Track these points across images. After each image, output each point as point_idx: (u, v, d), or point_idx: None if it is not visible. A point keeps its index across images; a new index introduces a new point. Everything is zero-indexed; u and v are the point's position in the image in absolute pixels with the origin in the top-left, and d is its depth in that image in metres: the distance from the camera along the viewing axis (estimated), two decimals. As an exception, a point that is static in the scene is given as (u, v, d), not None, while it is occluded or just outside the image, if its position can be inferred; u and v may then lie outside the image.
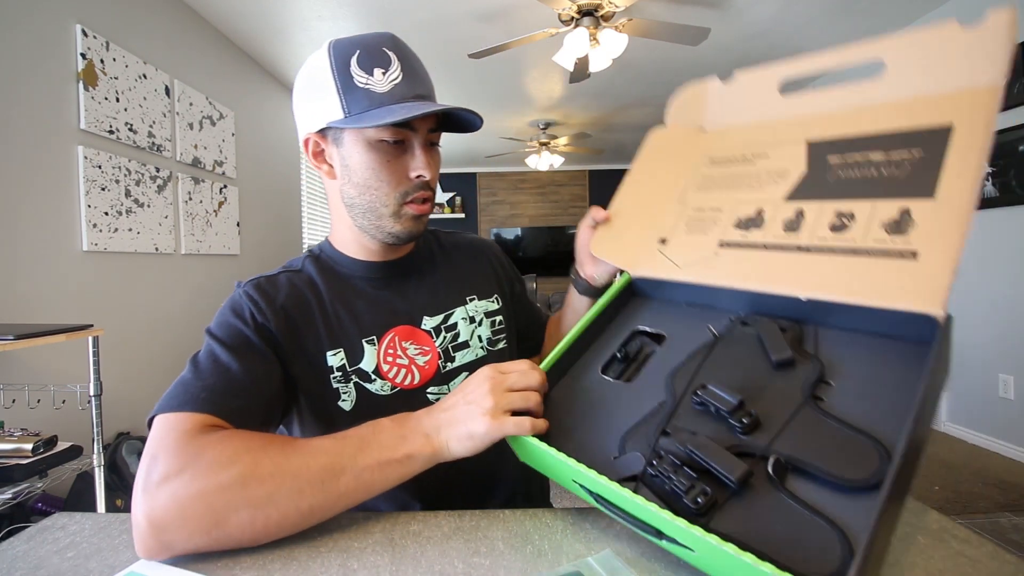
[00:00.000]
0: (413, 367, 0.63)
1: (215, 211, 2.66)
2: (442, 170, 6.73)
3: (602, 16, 2.37)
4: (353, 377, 0.61)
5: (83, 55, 1.86)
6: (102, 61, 1.95)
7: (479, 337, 0.69)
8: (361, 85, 0.56)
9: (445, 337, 0.67)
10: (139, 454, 1.96)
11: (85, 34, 1.87)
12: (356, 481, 0.44)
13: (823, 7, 2.66)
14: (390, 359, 0.63)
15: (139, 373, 2.17)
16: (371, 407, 0.60)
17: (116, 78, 2.01)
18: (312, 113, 0.59)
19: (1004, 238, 2.39)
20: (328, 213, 3.84)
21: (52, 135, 1.76)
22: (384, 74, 0.56)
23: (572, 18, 2.41)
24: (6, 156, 1.61)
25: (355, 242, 0.66)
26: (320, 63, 0.57)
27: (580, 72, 2.78)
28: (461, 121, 0.62)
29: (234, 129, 2.85)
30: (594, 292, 0.70)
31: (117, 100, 2.01)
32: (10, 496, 1.20)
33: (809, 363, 0.41)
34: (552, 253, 6.73)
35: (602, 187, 6.72)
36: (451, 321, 0.68)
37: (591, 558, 0.40)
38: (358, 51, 0.56)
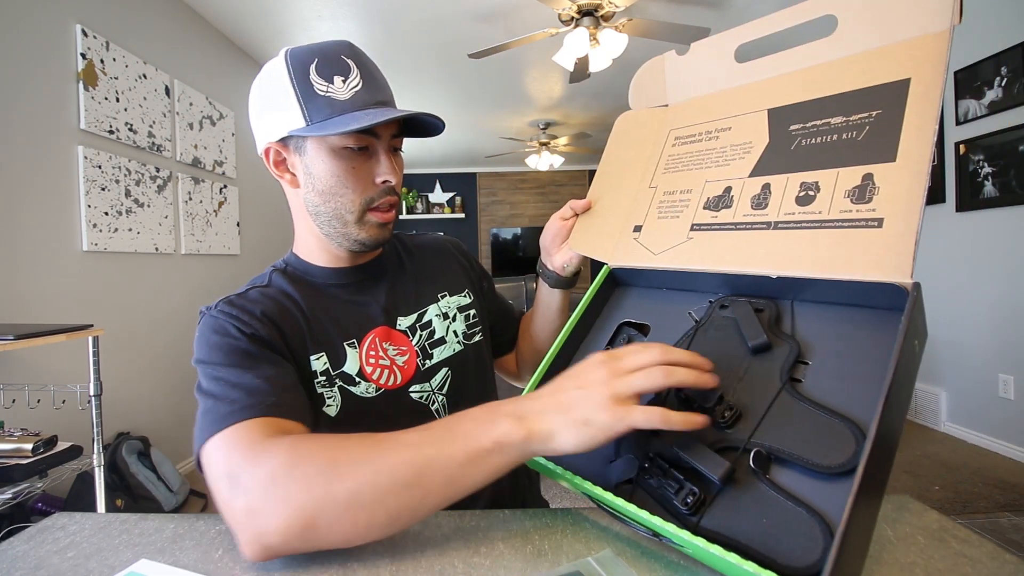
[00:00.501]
0: (394, 367, 0.64)
1: (215, 211, 2.66)
2: (442, 170, 6.74)
3: (602, 16, 2.37)
4: (337, 381, 0.60)
5: (83, 55, 1.86)
6: (102, 61, 1.95)
7: (455, 332, 0.70)
8: (322, 93, 0.56)
9: (421, 335, 0.67)
10: (139, 454, 1.97)
11: (85, 34, 1.87)
12: (443, 477, 0.39)
13: (823, 7, 2.65)
14: (372, 360, 0.63)
15: (139, 373, 2.17)
16: (357, 411, 0.60)
17: (116, 78, 2.01)
18: (271, 123, 0.58)
19: (1004, 238, 2.39)
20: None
21: (52, 135, 1.76)
22: (344, 81, 0.56)
23: (572, 18, 2.41)
24: (6, 156, 1.61)
25: (321, 250, 0.66)
26: (277, 72, 0.57)
27: (580, 72, 2.78)
28: (424, 125, 0.62)
29: (234, 129, 2.85)
30: (564, 283, 0.70)
31: (117, 100, 2.01)
32: (10, 496, 1.20)
33: (785, 344, 0.41)
34: (552, 253, 6.73)
35: (602, 187, 6.71)
36: (425, 319, 0.69)
37: (591, 558, 0.40)
38: (316, 59, 0.56)
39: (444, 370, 0.67)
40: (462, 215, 6.76)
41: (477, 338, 0.73)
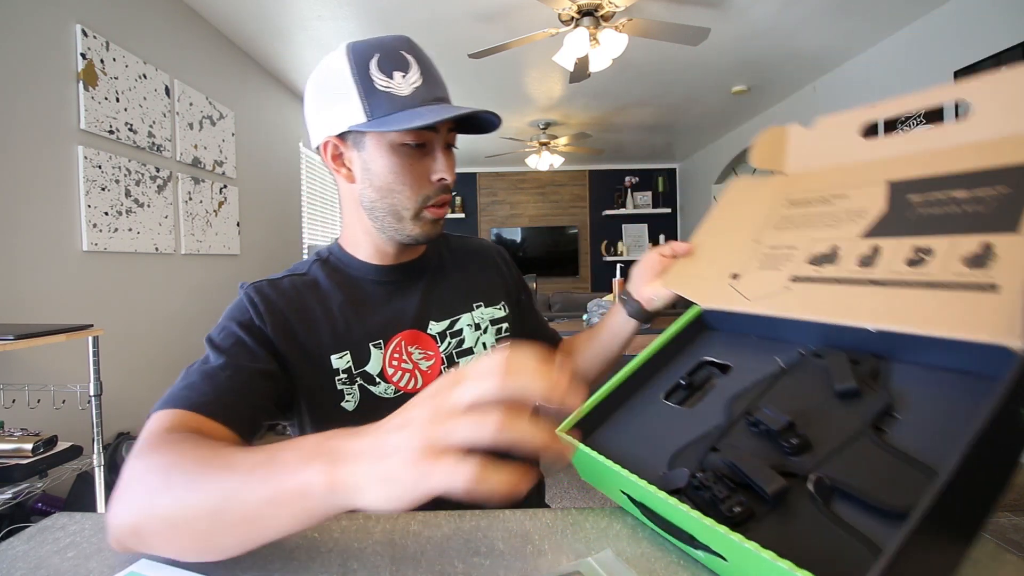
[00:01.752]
0: (417, 372, 0.64)
1: (215, 211, 2.66)
2: (442, 170, 6.73)
3: (602, 16, 2.37)
4: (358, 379, 0.61)
5: (83, 55, 1.86)
6: (102, 61, 1.95)
7: (484, 344, 0.69)
8: (382, 88, 0.55)
9: (450, 343, 0.67)
10: (139, 454, 1.97)
11: (85, 34, 1.87)
12: (241, 514, 0.34)
13: (823, 7, 2.66)
14: (395, 363, 0.63)
15: (139, 373, 2.17)
16: (375, 408, 0.61)
17: (116, 78, 2.01)
18: (331, 117, 0.58)
19: (1004, 238, 2.39)
20: (328, 213, 3.79)
21: (52, 135, 1.76)
22: (404, 77, 0.56)
23: (572, 18, 2.41)
24: (6, 156, 1.61)
25: (368, 245, 0.66)
26: (338, 66, 0.57)
27: (580, 72, 2.78)
28: (479, 122, 0.62)
29: (234, 129, 2.85)
30: (644, 316, 0.68)
31: (117, 100, 2.01)
32: (10, 496, 1.20)
33: (876, 395, 0.39)
34: (552, 253, 6.74)
35: (602, 187, 6.72)
36: (456, 327, 0.68)
37: (591, 558, 0.40)
38: (377, 54, 0.56)
39: None
40: (462, 215, 6.76)
41: None
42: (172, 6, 2.41)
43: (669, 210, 6.67)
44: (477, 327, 0.70)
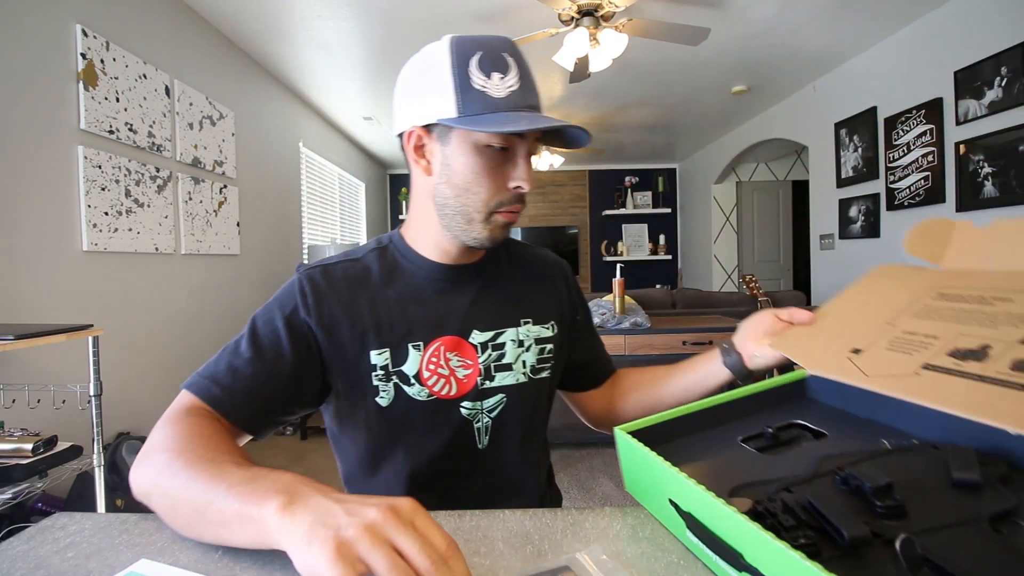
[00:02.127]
0: (452, 379, 0.63)
1: (215, 211, 2.66)
2: (442, 170, 6.73)
3: (602, 16, 2.37)
4: (394, 378, 0.62)
5: (83, 55, 1.86)
6: (102, 61, 1.95)
7: (523, 362, 0.68)
8: (478, 87, 0.55)
9: (490, 355, 0.66)
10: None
11: (85, 34, 1.87)
12: (214, 523, 0.40)
13: (823, 7, 2.66)
14: (432, 367, 0.63)
15: (139, 373, 2.17)
16: (406, 408, 0.62)
17: (116, 78, 2.01)
18: (421, 106, 0.57)
19: (1004, 238, 2.39)
20: (328, 213, 3.77)
21: (52, 135, 1.76)
22: (502, 79, 0.56)
23: (572, 18, 2.41)
24: (6, 156, 1.61)
25: (431, 241, 0.65)
26: (439, 58, 0.56)
27: (580, 72, 2.78)
28: (567, 136, 0.61)
29: (234, 129, 2.85)
30: (741, 372, 0.64)
31: (117, 100, 2.01)
32: (10, 496, 1.20)
33: (1001, 495, 0.34)
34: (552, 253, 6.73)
35: (602, 187, 6.71)
36: (500, 340, 0.67)
37: (578, 554, 0.40)
38: (479, 52, 0.55)
39: (500, 395, 0.66)
40: (462, 215, 6.75)
41: (544, 374, 0.70)
42: (172, 6, 2.41)
43: (669, 210, 6.67)
44: (520, 343, 0.68)
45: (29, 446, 1.25)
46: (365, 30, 2.79)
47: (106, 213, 1.95)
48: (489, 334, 0.66)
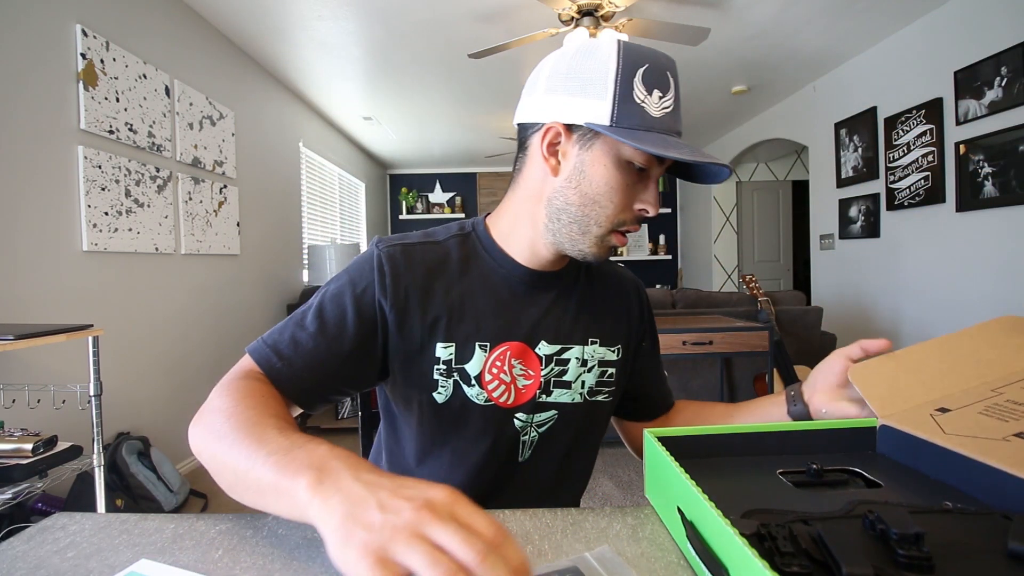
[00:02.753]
0: (513, 387, 0.62)
1: (215, 211, 2.66)
2: (442, 170, 6.74)
3: (602, 16, 2.37)
4: (455, 375, 0.60)
5: (83, 55, 1.86)
6: (102, 61, 1.95)
7: (583, 383, 0.65)
8: (638, 101, 0.53)
9: (553, 369, 0.64)
10: (139, 454, 1.97)
11: (85, 34, 1.87)
12: (252, 491, 0.41)
13: (823, 7, 2.66)
14: (495, 371, 0.61)
15: (139, 373, 2.17)
16: (462, 407, 0.61)
17: (116, 78, 2.01)
18: (572, 104, 0.55)
19: (1004, 238, 2.39)
20: (328, 213, 3.76)
21: (52, 135, 1.76)
22: (661, 99, 0.54)
23: (572, 18, 2.41)
24: (6, 156, 1.61)
25: (522, 241, 0.63)
26: (606, 61, 0.54)
27: (580, 72, 2.78)
28: (703, 174, 0.59)
29: (234, 129, 2.85)
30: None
31: (117, 100, 2.01)
32: (10, 496, 1.20)
33: None
34: (552, 253, 6.72)
35: (602, 187, 6.70)
36: (565, 355, 0.64)
37: (588, 553, 0.40)
38: (647, 65, 0.53)
39: (553, 412, 0.64)
40: (462, 215, 6.76)
41: (601, 397, 0.67)
42: (172, 6, 2.41)
43: (669, 210, 6.67)
44: (584, 363, 0.65)
45: (29, 446, 1.25)
46: (365, 30, 2.79)
47: (106, 213, 1.95)
48: (556, 347, 0.64)
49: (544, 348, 0.63)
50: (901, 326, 3.04)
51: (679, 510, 0.40)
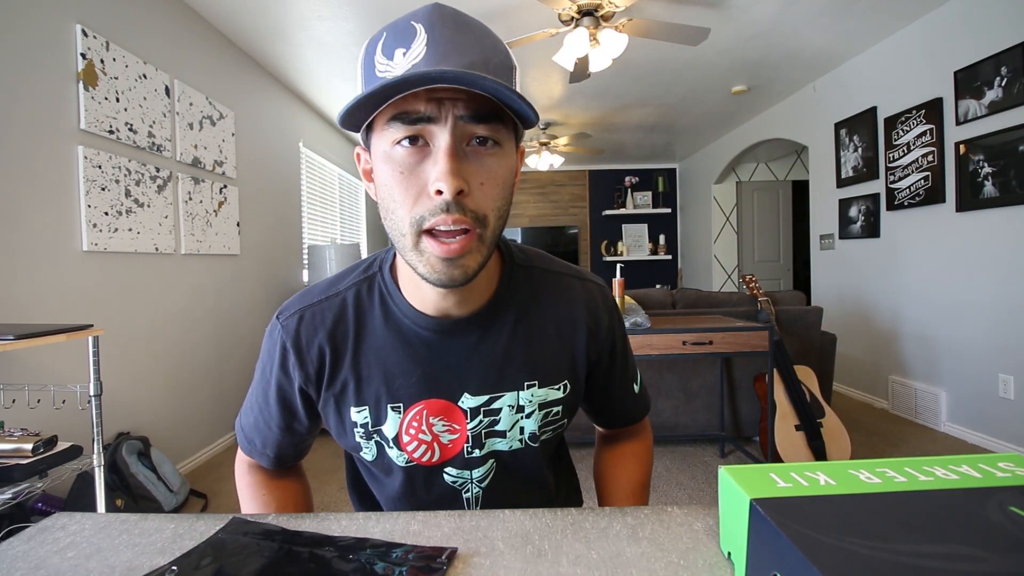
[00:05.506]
0: (435, 444, 0.57)
1: (215, 211, 2.66)
2: (442, 170, 6.73)
3: (602, 16, 2.37)
4: (375, 436, 0.57)
5: (83, 55, 1.86)
6: (102, 61, 1.95)
7: (520, 429, 0.58)
8: (380, 73, 0.43)
9: (481, 421, 0.57)
10: (139, 454, 1.97)
11: (85, 34, 1.87)
12: None
13: (823, 7, 2.66)
14: (412, 431, 0.56)
15: (139, 373, 2.17)
16: (389, 467, 0.59)
17: (116, 78, 2.01)
18: (356, 120, 0.46)
19: (1004, 238, 2.39)
20: (328, 213, 3.76)
21: (52, 135, 1.76)
22: (404, 54, 0.42)
23: (572, 18, 2.41)
24: (6, 156, 1.61)
25: (408, 281, 0.55)
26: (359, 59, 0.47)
27: (580, 72, 2.78)
28: (514, 109, 0.43)
29: (234, 129, 2.85)
30: None
31: (117, 100, 2.01)
32: (10, 496, 1.20)
33: None
34: (552, 253, 6.60)
35: (602, 187, 6.71)
36: (494, 406, 0.57)
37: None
38: (385, 34, 0.44)
39: (490, 462, 0.59)
40: (462, 215, 6.75)
41: (546, 437, 0.60)
42: (172, 6, 2.41)
43: (669, 210, 6.67)
44: (519, 409, 0.57)
45: (29, 446, 1.25)
46: (365, 30, 2.79)
47: (106, 213, 1.95)
48: (483, 399, 0.56)
49: (468, 401, 0.56)
50: (901, 326, 3.04)
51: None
